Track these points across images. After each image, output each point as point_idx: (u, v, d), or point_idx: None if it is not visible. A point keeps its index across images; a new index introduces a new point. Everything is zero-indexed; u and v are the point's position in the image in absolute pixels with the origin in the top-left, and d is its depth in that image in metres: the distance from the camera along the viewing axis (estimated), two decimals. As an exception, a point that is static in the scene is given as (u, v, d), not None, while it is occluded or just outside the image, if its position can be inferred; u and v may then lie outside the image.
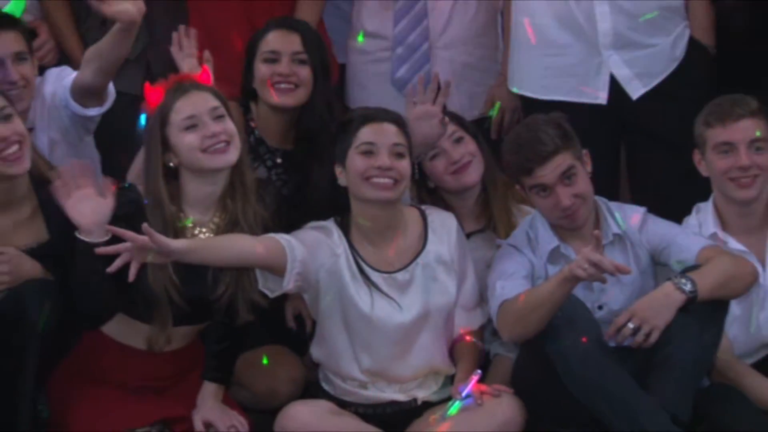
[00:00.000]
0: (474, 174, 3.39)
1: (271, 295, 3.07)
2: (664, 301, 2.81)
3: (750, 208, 3.18)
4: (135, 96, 3.41)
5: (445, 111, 3.36)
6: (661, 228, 3.19)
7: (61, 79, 3.45)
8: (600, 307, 3.15)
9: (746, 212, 3.18)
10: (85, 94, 3.33)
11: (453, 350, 3.27)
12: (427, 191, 3.46)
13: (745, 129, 3.16)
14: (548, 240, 3.14)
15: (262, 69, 3.35)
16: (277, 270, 2.93)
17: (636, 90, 3.53)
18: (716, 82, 3.61)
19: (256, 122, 3.42)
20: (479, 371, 3.12)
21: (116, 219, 2.98)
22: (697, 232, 3.22)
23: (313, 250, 3.04)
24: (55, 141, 3.50)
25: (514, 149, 3.19)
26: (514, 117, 3.74)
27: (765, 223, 3.23)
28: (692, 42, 3.61)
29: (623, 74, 3.54)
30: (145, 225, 2.71)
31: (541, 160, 3.04)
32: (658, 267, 3.19)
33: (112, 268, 2.75)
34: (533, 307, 2.92)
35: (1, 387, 3.09)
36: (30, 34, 3.56)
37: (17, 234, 3.19)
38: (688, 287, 2.81)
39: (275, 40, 3.37)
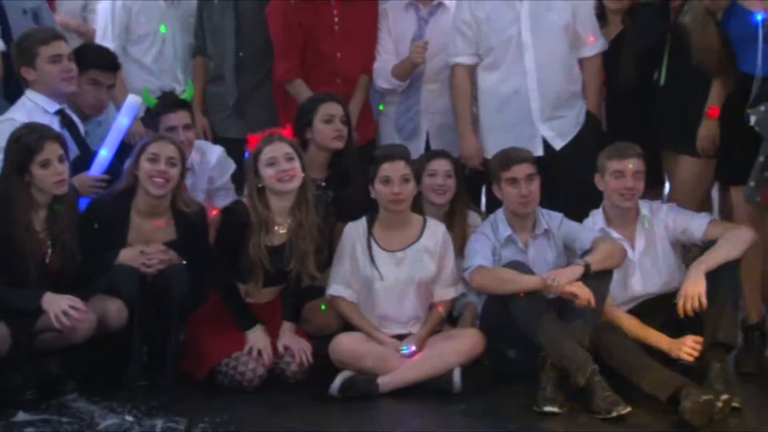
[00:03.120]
0: (445, 198, 4.28)
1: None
2: (571, 271, 3.73)
3: (627, 213, 4.03)
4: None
5: (450, 156, 4.33)
6: (571, 227, 4.10)
7: (224, 168, 4.43)
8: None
9: (624, 215, 4.05)
10: None
11: (429, 310, 4.13)
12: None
13: (633, 164, 4.00)
14: (504, 230, 4.04)
15: (324, 126, 4.24)
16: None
17: (558, 144, 4.45)
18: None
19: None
20: (416, 351, 3.94)
21: (235, 222, 3.92)
22: (591, 227, 4.03)
23: (353, 264, 3.99)
24: (194, 185, 4.34)
25: (502, 153, 4.13)
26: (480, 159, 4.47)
27: (633, 222, 4.06)
28: (588, 113, 4.51)
29: (549, 135, 4.46)
30: None
31: (518, 161, 4.00)
32: (568, 251, 4.04)
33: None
34: (507, 283, 3.80)
35: (159, 329, 4.03)
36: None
37: (155, 234, 4.10)
38: (583, 262, 3.73)
39: (332, 109, 4.26)
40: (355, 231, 4.11)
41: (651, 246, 4.07)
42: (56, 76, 4.16)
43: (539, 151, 4.35)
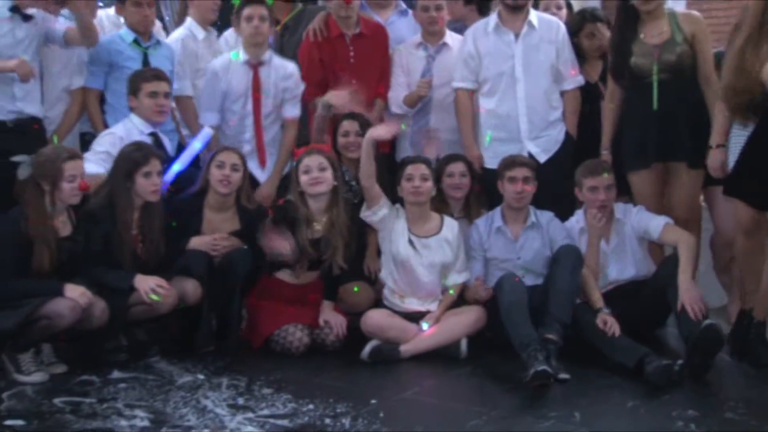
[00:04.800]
0: (461, 193, 4.67)
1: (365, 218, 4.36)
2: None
3: (605, 213, 4.36)
4: None
5: (465, 159, 4.65)
6: (556, 229, 4.42)
7: (297, 84, 4.80)
8: (518, 258, 4.39)
9: (600, 218, 4.35)
10: None
11: (443, 293, 4.44)
12: (438, 189, 4.56)
13: (605, 180, 4.32)
14: (497, 222, 4.39)
15: (341, 140, 4.70)
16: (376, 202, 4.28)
17: (542, 159, 4.76)
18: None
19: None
20: (432, 328, 4.27)
21: (287, 219, 4.29)
22: (574, 225, 4.39)
23: (389, 220, 4.37)
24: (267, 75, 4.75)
25: (510, 156, 4.46)
26: (479, 165, 4.80)
27: (608, 222, 4.39)
28: (566, 133, 4.85)
29: (535, 151, 4.78)
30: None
31: (520, 164, 4.35)
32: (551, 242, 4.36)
33: None
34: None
35: (223, 303, 4.36)
36: None
37: (223, 224, 4.49)
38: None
39: (347, 125, 4.69)
40: (397, 219, 4.44)
41: (622, 242, 4.40)
42: (149, 108, 4.57)
43: None
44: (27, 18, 4.51)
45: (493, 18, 4.84)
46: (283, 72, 4.86)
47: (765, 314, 4.04)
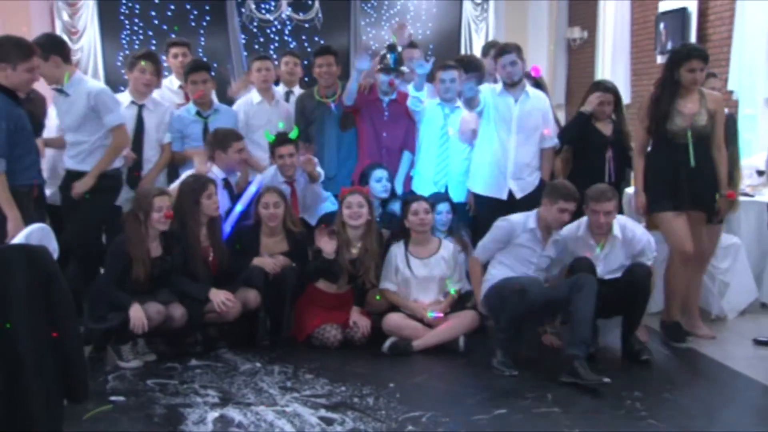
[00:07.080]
0: (446, 227, 5.09)
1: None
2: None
3: (601, 232, 4.69)
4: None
5: (449, 199, 5.08)
6: (563, 243, 4.71)
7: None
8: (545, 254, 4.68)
9: (599, 231, 4.69)
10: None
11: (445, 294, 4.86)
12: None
13: (606, 206, 4.60)
14: (532, 224, 4.64)
15: (372, 183, 5.23)
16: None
17: (519, 194, 5.31)
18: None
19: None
20: (442, 315, 4.69)
21: (323, 269, 4.73)
22: (575, 231, 4.69)
23: (396, 269, 4.79)
24: (305, 198, 5.34)
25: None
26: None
27: (605, 234, 4.69)
28: (541, 179, 5.34)
29: (515, 188, 5.31)
30: None
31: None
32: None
33: None
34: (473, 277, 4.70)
35: (276, 308, 4.79)
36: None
37: (276, 246, 4.93)
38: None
39: (378, 173, 5.28)
40: (397, 249, 4.96)
41: (612, 253, 4.73)
42: (233, 160, 5.13)
43: (505, 196, 5.26)
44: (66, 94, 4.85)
45: (500, 84, 5.40)
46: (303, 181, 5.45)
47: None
